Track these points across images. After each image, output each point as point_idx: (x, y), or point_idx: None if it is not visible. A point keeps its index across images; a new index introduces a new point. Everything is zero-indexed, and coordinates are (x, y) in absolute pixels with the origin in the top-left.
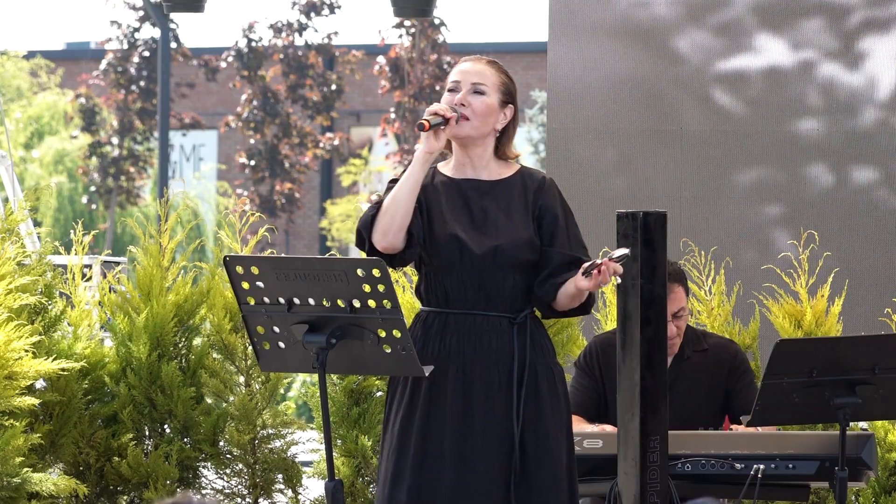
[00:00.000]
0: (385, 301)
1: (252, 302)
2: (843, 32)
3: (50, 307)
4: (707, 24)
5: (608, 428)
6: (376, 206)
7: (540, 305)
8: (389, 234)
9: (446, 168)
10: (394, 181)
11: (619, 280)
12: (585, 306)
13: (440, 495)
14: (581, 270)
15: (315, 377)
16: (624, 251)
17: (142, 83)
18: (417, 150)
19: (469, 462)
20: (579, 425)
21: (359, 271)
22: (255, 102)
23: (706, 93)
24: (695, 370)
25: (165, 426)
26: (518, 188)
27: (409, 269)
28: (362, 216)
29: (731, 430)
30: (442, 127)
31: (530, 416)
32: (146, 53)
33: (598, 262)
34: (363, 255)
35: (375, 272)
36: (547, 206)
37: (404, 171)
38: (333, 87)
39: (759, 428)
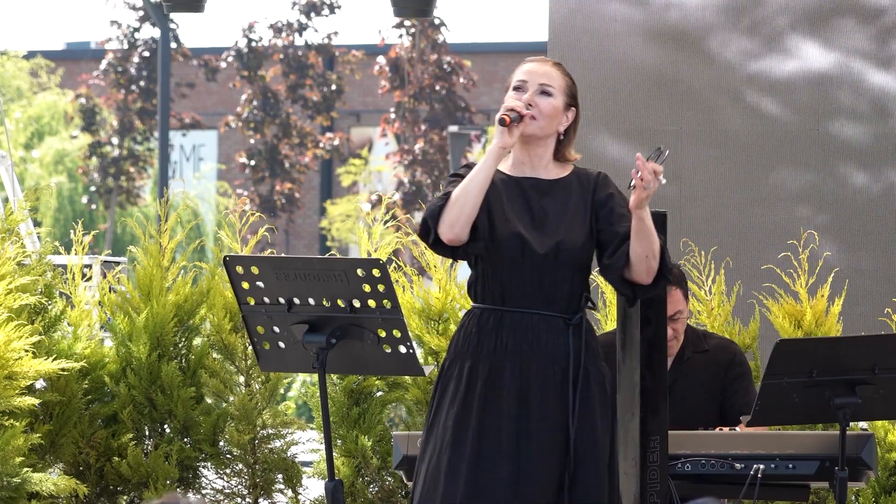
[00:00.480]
0: (385, 301)
1: (252, 302)
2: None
3: (50, 307)
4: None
5: None
6: (444, 198)
7: (616, 279)
8: (457, 226)
9: (504, 166)
10: (455, 175)
11: (664, 180)
12: (662, 270)
13: (497, 491)
14: (629, 188)
15: (315, 377)
16: (656, 149)
17: (142, 83)
18: (491, 144)
19: (524, 459)
20: None
21: (359, 271)
22: (255, 102)
23: (705, 91)
24: (695, 371)
25: (165, 426)
26: (575, 188)
27: (410, 270)
28: (430, 205)
29: (733, 430)
30: (517, 124)
31: (582, 417)
32: (146, 53)
33: (637, 165)
34: (413, 277)
35: (375, 272)
36: (603, 199)
37: (465, 165)
38: (333, 87)
39: (738, 428)
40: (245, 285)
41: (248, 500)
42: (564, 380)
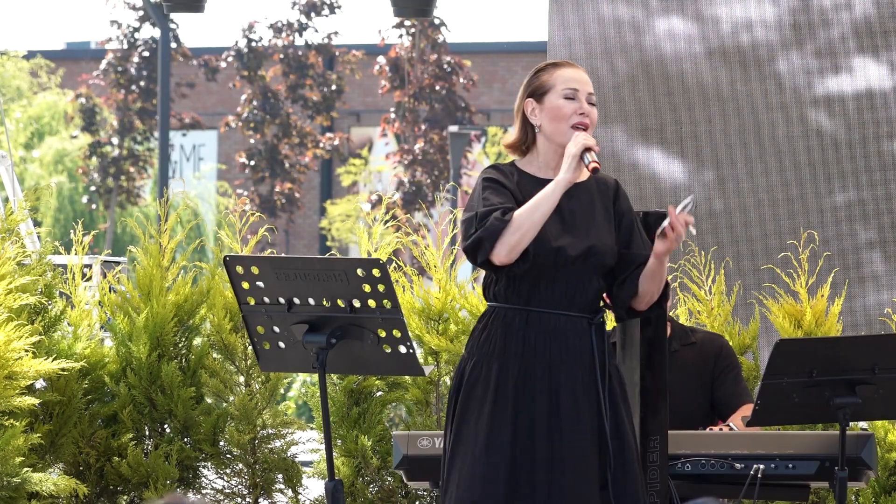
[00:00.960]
0: (385, 301)
1: (252, 302)
2: None
3: (50, 307)
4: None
5: None
6: (505, 221)
7: (620, 307)
8: (514, 252)
9: (529, 167)
10: (493, 181)
11: (694, 231)
12: (662, 297)
13: (536, 494)
14: (656, 235)
15: (315, 377)
16: (688, 199)
17: (142, 83)
18: (562, 175)
19: (559, 461)
20: None
21: (359, 271)
22: (255, 102)
23: (696, 93)
24: (683, 364)
25: (165, 426)
26: (595, 191)
27: (410, 270)
28: (489, 225)
29: (731, 427)
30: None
31: (612, 414)
32: (146, 53)
33: (667, 220)
34: (413, 277)
35: (375, 272)
36: (623, 211)
37: (495, 169)
38: (333, 87)
39: (730, 425)
40: (245, 285)
41: (248, 500)
42: (591, 380)
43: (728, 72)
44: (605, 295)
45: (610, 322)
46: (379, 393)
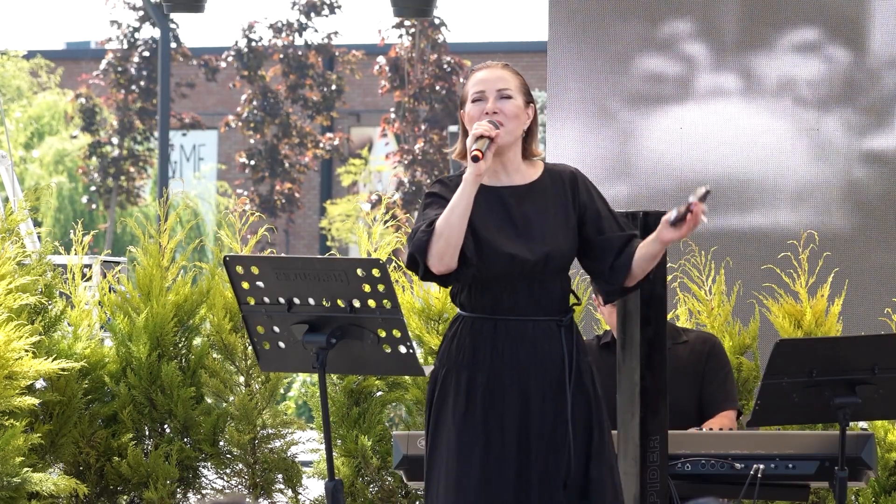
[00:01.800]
0: (385, 301)
1: (252, 302)
2: None
3: (50, 307)
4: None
5: None
6: (428, 231)
7: (609, 291)
8: (446, 258)
9: None
10: (432, 195)
11: (706, 220)
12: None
13: (507, 498)
14: (668, 221)
15: (315, 377)
16: (703, 189)
17: (142, 83)
18: (467, 173)
19: (529, 463)
20: None
21: (359, 271)
22: (255, 102)
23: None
24: (674, 362)
25: (165, 426)
26: (550, 188)
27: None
28: (415, 241)
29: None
30: (489, 147)
31: (580, 414)
32: (146, 53)
33: (685, 207)
34: (413, 277)
35: (375, 272)
36: (585, 203)
37: (438, 183)
38: (333, 87)
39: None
40: (245, 285)
41: (248, 500)
42: (561, 383)
43: (729, 75)
44: (576, 288)
45: (603, 325)
46: (379, 393)
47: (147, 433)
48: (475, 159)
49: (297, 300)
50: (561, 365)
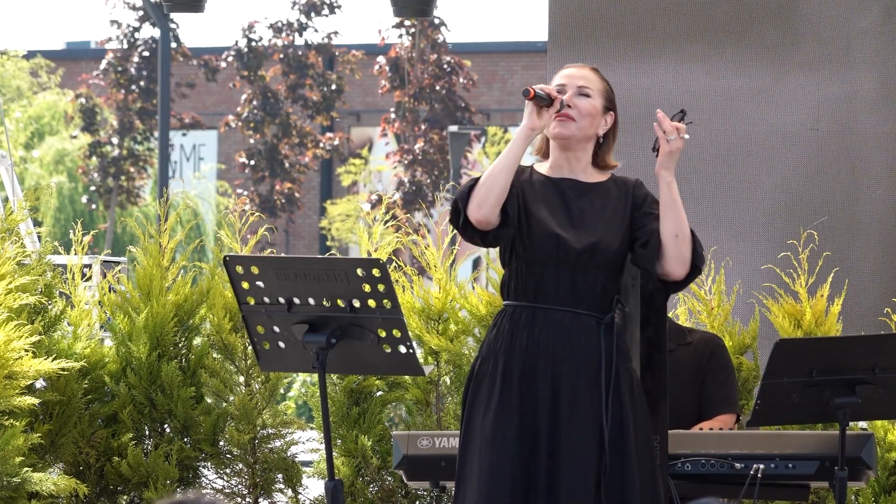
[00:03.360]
0: (385, 301)
1: (252, 302)
2: None
3: (50, 307)
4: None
5: None
6: (474, 180)
7: (647, 263)
8: (485, 207)
9: (542, 168)
10: None
11: (687, 135)
12: (696, 261)
13: (537, 491)
14: (654, 153)
15: (315, 377)
16: (680, 111)
17: (142, 83)
18: (520, 126)
19: (557, 458)
20: None
21: (359, 271)
22: (255, 102)
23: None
24: (678, 364)
25: (165, 426)
26: (613, 193)
27: (410, 270)
28: (460, 189)
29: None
30: (545, 106)
31: (614, 417)
32: (146, 53)
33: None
34: (413, 277)
35: (375, 272)
36: (639, 201)
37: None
38: (333, 87)
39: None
40: (245, 285)
41: (248, 499)
42: (595, 380)
43: (730, 75)
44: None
45: None
46: (379, 393)
47: (147, 433)
48: (525, 93)
49: (297, 300)
50: (596, 362)
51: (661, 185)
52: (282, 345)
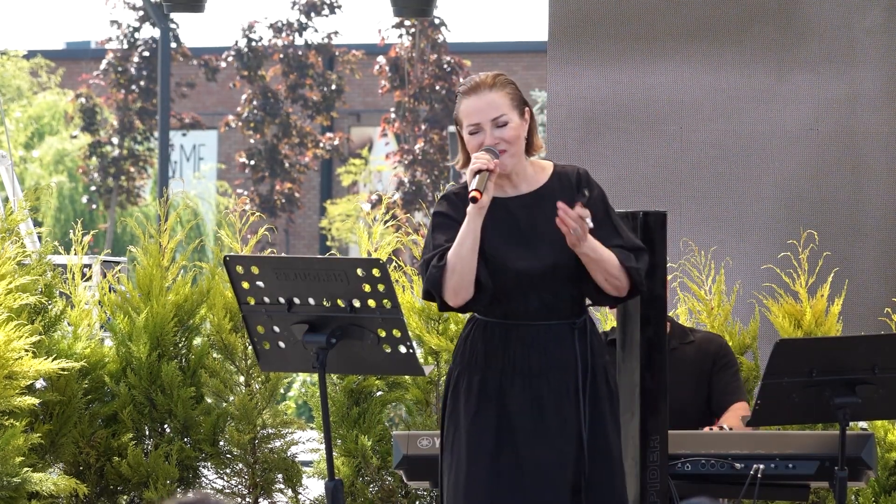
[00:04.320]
0: (385, 301)
1: (252, 302)
2: None
3: (50, 307)
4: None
5: None
6: (440, 265)
7: (593, 301)
8: (462, 292)
9: None
10: (440, 214)
11: (591, 223)
12: (632, 288)
13: (517, 498)
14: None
15: (315, 377)
16: (580, 193)
17: (142, 83)
18: (469, 208)
19: (541, 468)
20: None
21: (359, 271)
22: (255, 102)
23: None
24: (681, 362)
25: (165, 426)
26: (558, 192)
27: (410, 270)
28: (429, 275)
29: (726, 428)
30: (489, 179)
31: (594, 419)
32: (146, 53)
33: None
34: (414, 277)
35: (375, 272)
36: (586, 196)
37: (444, 199)
38: (333, 87)
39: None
40: (245, 285)
41: (248, 499)
42: (575, 386)
43: (729, 76)
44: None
45: (612, 321)
46: (379, 393)
47: (147, 433)
48: (474, 200)
49: (297, 300)
50: (574, 368)
51: (579, 255)
52: (282, 345)
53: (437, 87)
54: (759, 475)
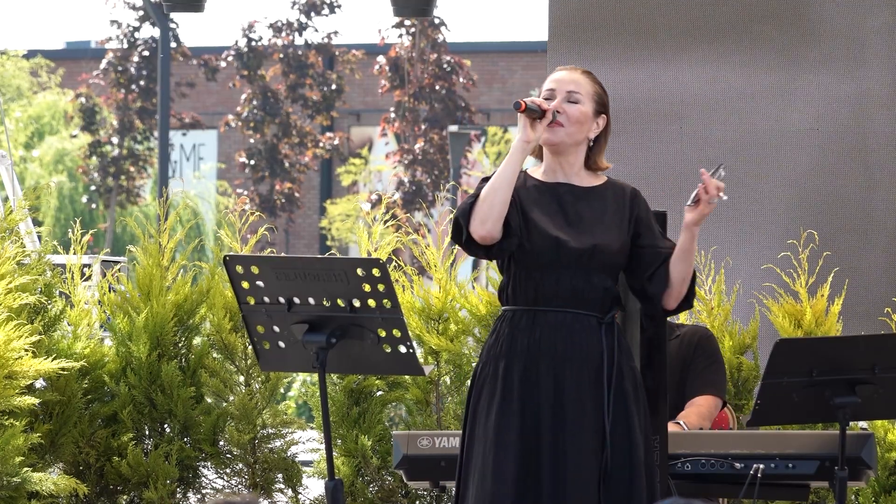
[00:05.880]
0: (385, 301)
1: (252, 301)
2: None
3: (49, 307)
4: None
5: None
6: (474, 197)
7: (651, 302)
8: (489, 222)
9: (537, 173)
10: (486, 179)
11: (725, 196)
12: (689, 296)
13: (540, 491)
14: (687, 205)
15: (315, 377)
16: (719, 167)
17: (142, 83)
18: (515, 139)
19: (563, 457)
20: None
21: (359, 271)
22: (255, 102)
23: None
24: (668, 357)
25: (165, 426)
26: (610, 198)
27: (410, 270)
28: (460, 205)
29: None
30: (538, 119)
31: (618, 415)
32: (146, 53)
33: (703, 179)
34: (414, 277)
35: (375, 272)
36: (641, 218)
37: (495, 170)
38: (333, 86)
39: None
40: (245, 285)
41: (261, 500)
42: (598, 379)
43: (729, 76)
44: (628, 293)
45: None
46: (379, 393)
47: (147, 433)
48: (516, 106)
49: (297, 300)
50: (599, 361)
51: (686, 236)
52: (282, 344)
53: (437, 87)
54: (759, 475)
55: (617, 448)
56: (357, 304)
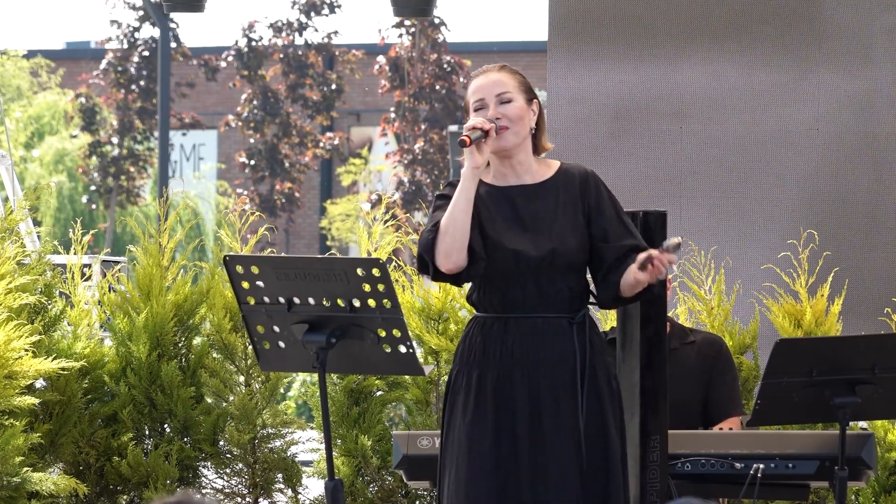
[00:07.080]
0: (385, 301)
1: (252, 301)
2: None
3: (50, 307)
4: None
5: None
6: (433, 229)
7: (603, 303)
8: (453, 255)
9: (487, 177)
10: (441, 197)
11: (675, 269)
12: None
13: (519, 494)
14: (637, 264)
15: (315, 377)
16: (676, 240)
17: (142, 83)
18: (464, 167)
19: (541, 462)
20: None
21: (359, 271)
22: (255, 102)
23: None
24: (682, 362)
25: (165, 426)
26: (562, 188)
27: (410, 270)
28: (421, 240)
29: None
30: (483, 140)
31: (593, 413)
32: (146, 53)
33: (653, 254)
34: (414, 277)
35: (375, 272)
36: (593, 205)
37: (449, 184)
38: (333, 86)
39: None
40: (245, 285)
41: (248, 499)
42: (573, 380)
43: (729, 75)
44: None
45: (612, 321)
46: (379, 393)
47: (147, 433)
48: (462, 144)
49: (297, 300)
50: (572, 363)
51: (634, 282)
52: (282, 344)
53: (437, 87)
54: (759, 475)
55: (592, 446)
56: (357, 304)
